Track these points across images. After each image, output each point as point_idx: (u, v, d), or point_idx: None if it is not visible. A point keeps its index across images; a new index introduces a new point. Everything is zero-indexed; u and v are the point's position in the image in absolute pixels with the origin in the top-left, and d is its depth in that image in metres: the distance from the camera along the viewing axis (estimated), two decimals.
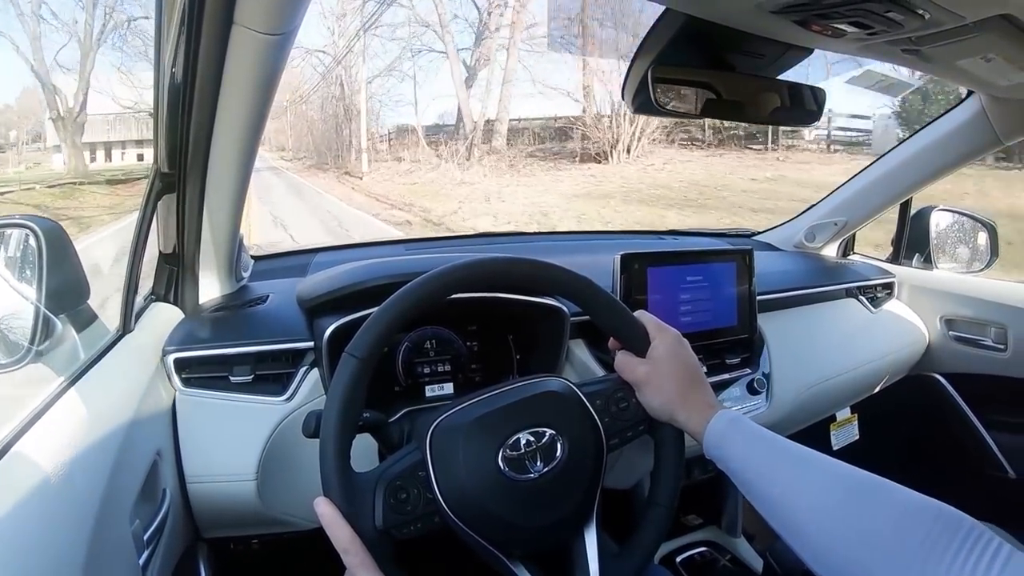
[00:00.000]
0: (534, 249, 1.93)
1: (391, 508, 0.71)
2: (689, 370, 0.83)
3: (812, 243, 2.01)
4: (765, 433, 0.76)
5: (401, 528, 0.71)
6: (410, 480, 0.73)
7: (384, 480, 0.72)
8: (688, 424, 0.80)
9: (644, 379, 0.83)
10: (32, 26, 19.22)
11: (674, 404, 0.81)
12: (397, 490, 0.72)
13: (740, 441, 0.76)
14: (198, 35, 0.81)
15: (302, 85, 26.48)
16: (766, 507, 0.71)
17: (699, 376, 0.84)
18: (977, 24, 0.84)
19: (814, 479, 0.69)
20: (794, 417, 1.53)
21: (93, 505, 0.72)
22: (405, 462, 0.75)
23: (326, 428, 0.71)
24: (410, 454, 0.76)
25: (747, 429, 0.76)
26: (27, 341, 0.89)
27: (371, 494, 0.71)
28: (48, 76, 19.77)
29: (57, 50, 20.49)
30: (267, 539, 1.23)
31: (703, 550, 1.68)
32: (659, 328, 0.86)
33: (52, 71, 19.94)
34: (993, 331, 1.74)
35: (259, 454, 1.04)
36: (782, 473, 0.71)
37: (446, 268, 0.79)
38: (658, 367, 0.82)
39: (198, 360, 1.07)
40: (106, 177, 18.95)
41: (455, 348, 1.24)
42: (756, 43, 0.96)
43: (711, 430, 0.77)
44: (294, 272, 1.47)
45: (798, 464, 0.71)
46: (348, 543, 0.66)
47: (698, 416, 0.79)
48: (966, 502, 0.63)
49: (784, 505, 0.69)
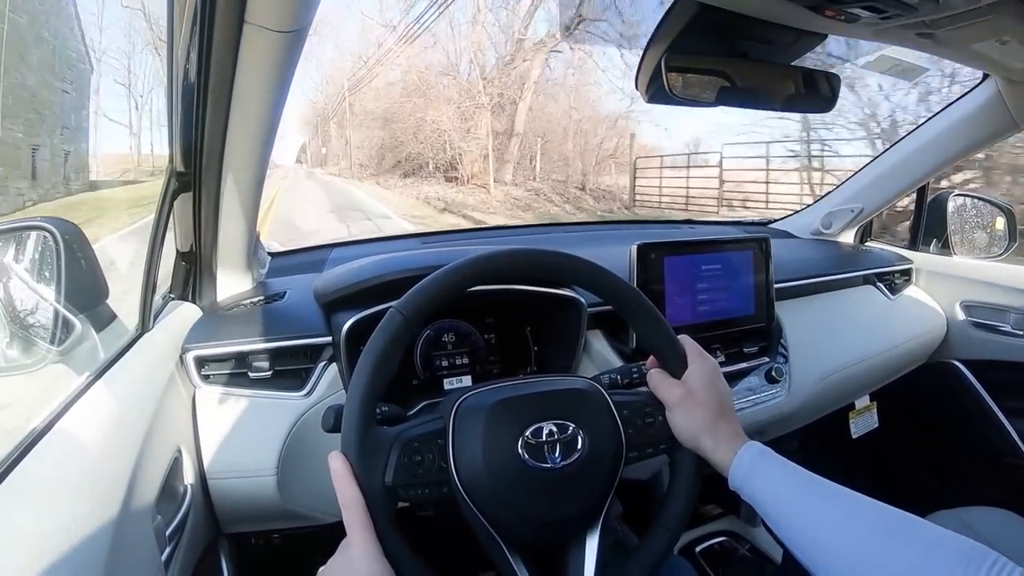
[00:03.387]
0: (548, 240, 1.93)
1: (403, 467, 0.71)
2: (721, 401, 0.83)
3: (829, 230, 2.00)
4: (792, 467, 0.75)
5: (408, 489, 0.71)
6: (427, 445, 0.73)
7: (402, 439, 0.72)
8: (714, 453, 0.79)
9: (677, 401, 0.82)
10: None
11: (702, 431, 0.80)
12: (413, 452, 0.72)
13: (767, 474, 0.75)
14: (210, 34, 0.81)
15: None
16: (793, 541, 0.71)
17: (729, 408, 0.84)
18: (991, 6, 0.83)
19: (841, 514, 0.68)
20: (813, 406, 1.52)
21: (115, 502, 0.72)
22: (426, 427, 0.75)
23: (357, 378, 0.71)
24: (433, 421, 0.77)
25: (775, 462, 0.76)
26: (47, 342, 0.89)
27: (387, 450, 0.71)
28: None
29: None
30: (288, 533, 1.24)
31: (723, 540, 1.68)
32: (699, 354, 0.86)
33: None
34: (1012, 317, 1.73)
35: (279, 449, 1.05)
36: (809, 508, 0.71)
37: (512, 251, 0.80)
38: (692, 392, 0.82)
39: (217, 357, 1.08)
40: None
41: (473, 341, 1.24)
42: (769, 30, 0.96)
43: (738, 462, 0.77)
44: (311, 268, 1.47)
45: (825, 499, 0.71)
46: (351, 500, 0.67)
47: (725, 446, 0.79)
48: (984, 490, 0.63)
49: (811, 540, 0.69)
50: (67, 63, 17.81)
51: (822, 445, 1.85)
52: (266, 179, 1.12)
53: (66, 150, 16.96)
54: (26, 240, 0.95)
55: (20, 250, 0.95)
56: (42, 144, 15.64)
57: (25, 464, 0.69)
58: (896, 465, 2.05)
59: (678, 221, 2.25)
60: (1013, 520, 1.32)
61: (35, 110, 15.84)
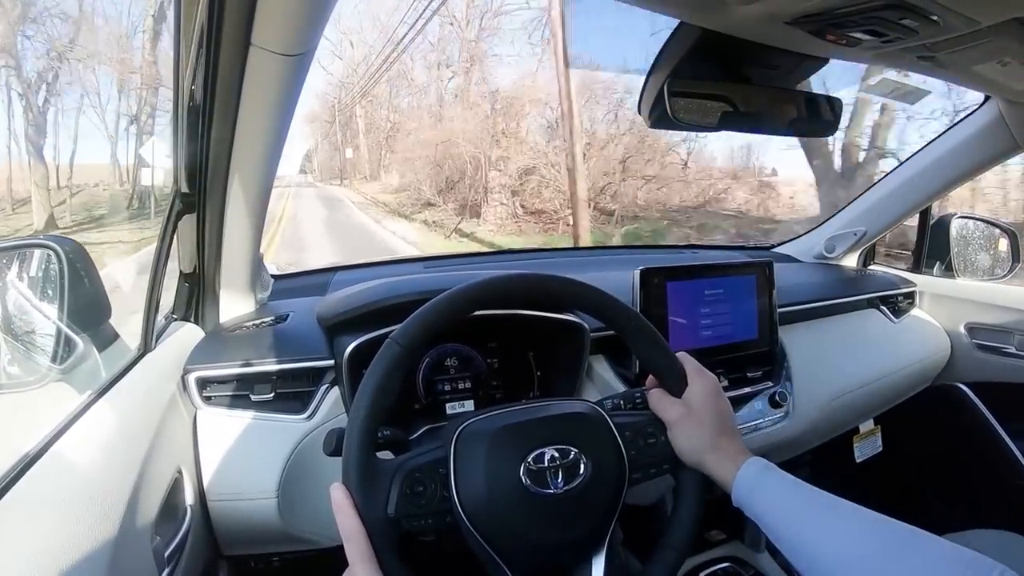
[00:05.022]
0: (551, 265, 1.93)
1: (406, 498, 0.70)
2: (722, 418, 0.83)
3: (832, 254, 2.00)
4: (796, 482, 0.75)
5: (412, 520, 0.70)
6: (429, 474, 0.72)
7: (404, 470, 0.72)
8: (717, 471, 0.79)
9: (677, 420, 0.82)
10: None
11: (704, 449, 0.80)
12: (415, 482, 0.71)
13: (771, 491, 0.75)
14: (216, 56, 0.82)
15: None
16: (796, 557, 0.70)
17: (731, 425, 0.84)
18: (992, 28, 0.84)
19: (845, 530, 0.68)
20: (816, 430, 1.51)
21: (114, 522, 0.72)
22: (428, 456, 0.75)
23: (356, 411, 0.71)
24: (434, 450, 0.76)
25: (778, 478, 0.75)
26: (48, 360, 0.89)
27: (388, 481, 0.71)
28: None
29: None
30: (288, 557, 1.23)
31: (726, 566, 1.66)
32: (698, 372, 0.86)
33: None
34: (1017, 338, 1.72)
35: (280, 472, 1.04)
36: (812, 523, 0.70)
37: (511, 275, 0.80)
38: (692, 411, 0.82)
39: (219, 379, 1.08)
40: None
41: (475, 365, 1.24)
42: (771, 54, 0.96)
43: (741, 478, 0.76)
44: (314, 291, 1.47)
45: (829, 514, 0.70)
46: (353, 533, 0.66)
47: (728, 463, 0.78)
48: (991, 513, 0.63)
49: (814, 556, 0.68)
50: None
51: (826, 470, 1.84)
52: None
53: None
54: (30, 258, 0.95)
55: (24, 267, 0.95)
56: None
57: (24, 482, 0.69)
58: (901, 489, 2.03)
59: (681, 246, 2.25)
60: (1020, 543, 1.31)
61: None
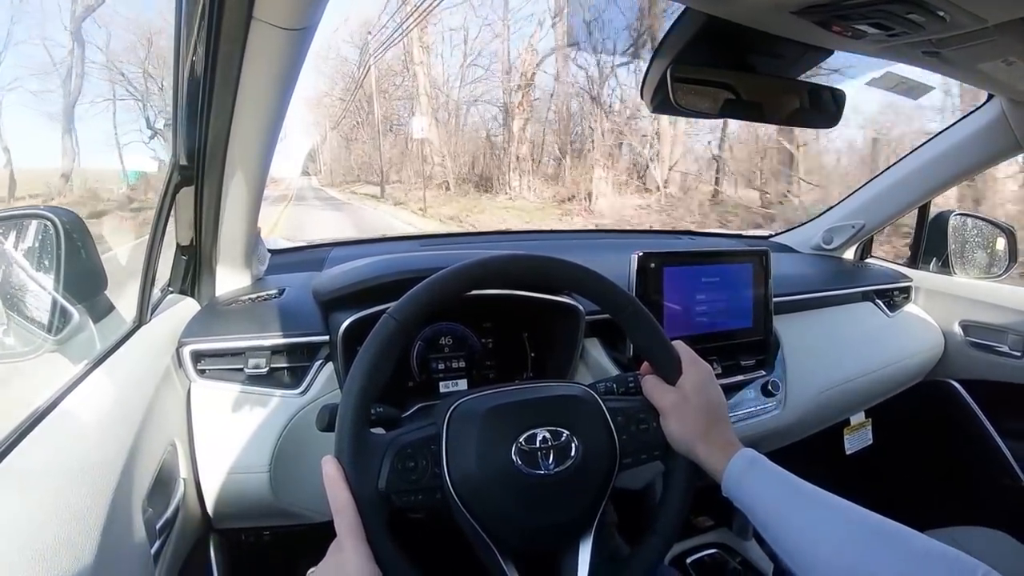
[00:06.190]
0: (549, 246, 1.93)
1: (397, 473, 0.71)
2: (715, 407, 0.83)
3: (830, 246, 2.00)
4: (785, 475, 0.75)
5: (402, 496, 0.71)
6: (421, 451, 0.73)
7: (396, 445, 0.72)
8: (707, 460, 0.79)
9: (670, 408, 0.82)
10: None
11: (695, 438, 0.80)
12: (406, 457, 0.72)
13: (760, 481, 0.75)
14: (218, 29, 0.82)
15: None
16: (782, 548, 0.71)
17: (723, 414, 0.84)
18: (998, 27, 0.83)
19: (832, 523, 0.68)
20: (808, 420, 1.52)
21: (106, 493, 0.72)
22: (420, 432, 0.75)
23: (350, 385, 0.71)
24: (426, 427, 0.76)
25: (767, 470, 0.76)
26: (44, 330, 0.89)
27: (380, 455, 0.71)
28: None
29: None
30: (279, 531, 1.24)
31: (713, 552, 1.67)
32: (693, 361, 0.86)
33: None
34: (1010, 337, 1.72)
35: (273, 447, 1.05)
36: (800, 515, 0.71)
37: (509, 256, 0.80)
38: (685, 398, 0.82)
39: (213, 352, 1.08)
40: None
41: (470, 345, 1.24)
42: (776, 44, 0.96)
43: (731, 468, 0.77)
44: (310, 266, 1.47)
45: (816, 507, 0.71)
46: (343, 506, 0.67)
47: (719, 453, 0.78)
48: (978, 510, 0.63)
49: (801, 548, 0.69)
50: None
51: (816, 460, 1.84)
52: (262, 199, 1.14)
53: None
54: (26, 228, 0.95)
55: (20, 238, 0.95)
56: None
57: (18, 451, 0.69)
58: (889, 483, 2.05)
59: (678, 232, 2.25)
60: (1005, 541, 1.32)
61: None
